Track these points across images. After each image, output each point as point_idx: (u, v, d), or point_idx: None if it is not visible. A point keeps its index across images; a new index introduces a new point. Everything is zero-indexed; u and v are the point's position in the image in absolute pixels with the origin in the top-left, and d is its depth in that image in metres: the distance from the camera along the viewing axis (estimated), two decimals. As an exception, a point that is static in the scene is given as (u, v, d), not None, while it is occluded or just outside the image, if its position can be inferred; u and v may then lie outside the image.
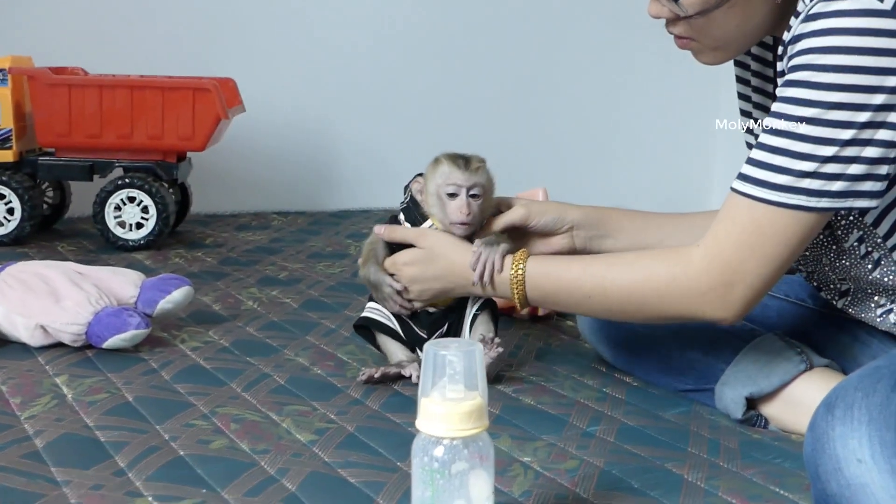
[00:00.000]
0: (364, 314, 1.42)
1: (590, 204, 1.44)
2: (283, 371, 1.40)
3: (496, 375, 1.38)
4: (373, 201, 2.90)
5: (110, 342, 1.43)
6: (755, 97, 1.31)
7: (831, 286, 1.29)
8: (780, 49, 1.11)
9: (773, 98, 1.22)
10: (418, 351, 1.40)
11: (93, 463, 1.08)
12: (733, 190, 1.12)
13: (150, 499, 1.00)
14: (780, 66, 1.12)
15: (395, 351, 1.40)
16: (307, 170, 2.90)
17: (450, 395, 0.84)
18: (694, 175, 3.25)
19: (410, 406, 1.28)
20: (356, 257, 2.19)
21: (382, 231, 1.41)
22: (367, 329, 1.42)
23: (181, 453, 1.11)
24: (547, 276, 1.27)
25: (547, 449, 1.16)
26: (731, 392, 1.30)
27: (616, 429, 1.23)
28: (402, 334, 1.40)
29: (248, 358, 1.46)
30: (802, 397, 1.26)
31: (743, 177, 1.11)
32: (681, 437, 1.21)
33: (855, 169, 1.05)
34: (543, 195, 1.69)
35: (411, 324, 1.40)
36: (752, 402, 1.30)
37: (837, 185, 1.06)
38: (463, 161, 1.36)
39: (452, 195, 1.34)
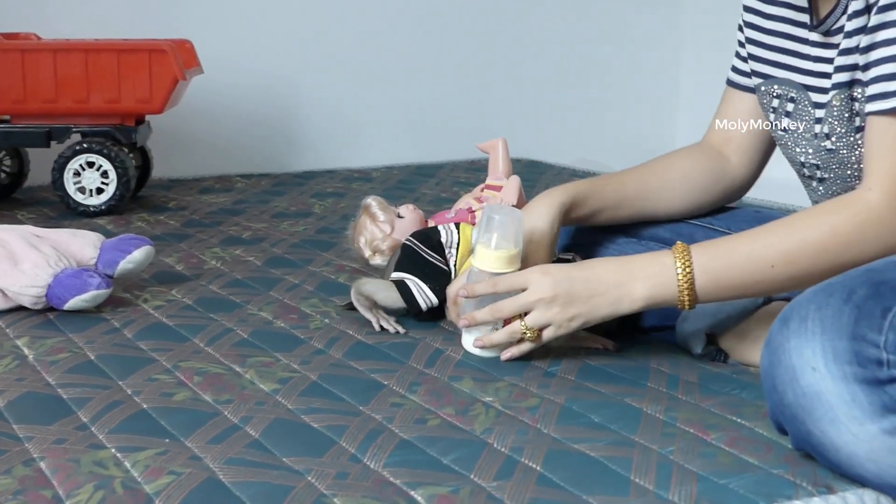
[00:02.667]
0: (411, 288, 1.39)
1: (560, 160, 1.45)
2: (247, 325, 1.41)
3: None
4: (337, 162, 2.89)
5: (71, 303, 1.43)
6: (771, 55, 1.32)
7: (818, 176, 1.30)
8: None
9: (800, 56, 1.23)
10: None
11: (55, 419, 1.08)
12: (876, 113, 1.12)
13: (113, 450, 1.00)
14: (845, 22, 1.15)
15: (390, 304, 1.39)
16: (270, 132, 2.88)
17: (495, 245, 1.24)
18: (660, 122, 3.26)
19: (373, 354, 1.29)
20: (321, 215, 2.20)
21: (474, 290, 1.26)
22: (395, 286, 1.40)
23: (144, 406, 1.11)
24: (715, 258, 1.17)
25: (508, 389, 1.17)
26: (692, 328, 1.32)
27: (577, 368, 1.24)
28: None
29: (212, 314, 1.46)
30: (761, 330, 1.27)
31: (881, 95, 1.12)
32: (641, 374, 1.23)
33: None
34: (503, 146, 1.69)
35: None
36: (711, 338, 1.32)
37: None
38: None
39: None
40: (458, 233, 1.43)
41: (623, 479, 0.94)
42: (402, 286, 1.40)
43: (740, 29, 1.40)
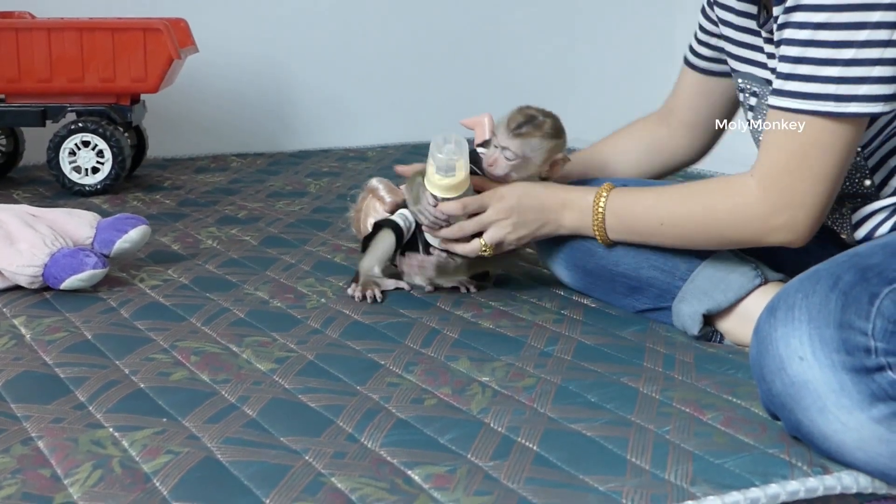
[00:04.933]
0: (394, 218, 1.46)
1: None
2: (243, 305, 1.41)
3: (455, 301, 1.40)
4: (332, 141, 2.88)
5: (67, 283, 1.43)
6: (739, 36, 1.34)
7: None
8: None
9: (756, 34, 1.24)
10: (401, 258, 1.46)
11: (53, 398, 1.08)
12: (770, 107, 1.15)
13: (111, 430, 1.00)
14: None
15: (375, 264, 1.45)
16: (266, 111, 2.87)
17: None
18: (655, 100, 3.25)
19: (370, 333, 1.29)
20: (316, 195, 2.20)
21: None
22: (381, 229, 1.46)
23: (141, 386, 1.11)
24: (624, 204, 1.31)
25: (505, 369, 1.17)
26: (688, 308, 1.32)
27: (573, 348, 1.25)
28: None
29: (208, 294, 1.46)
30: (757, 311, 1.27)
31: (775, 91, 1.14)
32: (637, 354, 1.23)
33: (879, 71, 1.07)
34: (489, 121, 1.69)
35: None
36: (708, 318, 1.32)
37: (864, 89, 1.08)
38: (516, 123, 1.40)
39: (495, 146, 1.41)
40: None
41: (619, 459, 0.95)
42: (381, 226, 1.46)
43: (703, 11, 1.43)
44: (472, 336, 1.29)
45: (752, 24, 1.28)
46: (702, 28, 1.43)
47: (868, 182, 1.21)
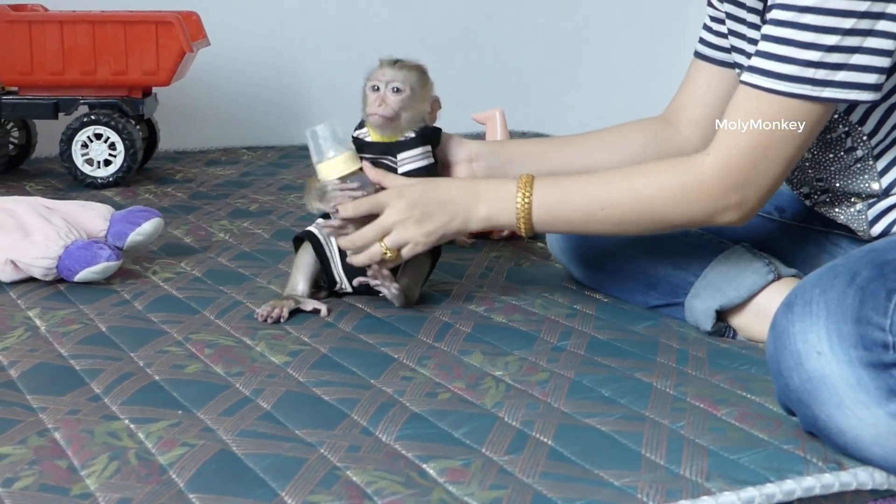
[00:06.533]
0: (310, 228, 1.38)
1: (561, 131, 1.45)
2: (256, 298, 1.41)
3: (468, 295, 1.40)
4: (343, 134, 2.88)
5: (81, 275, 1.43)
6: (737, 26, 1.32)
7: (808, 185, 1.30)
8: None
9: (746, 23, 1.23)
10: (342, 279, 1.37)
11: (68, 390, 1.08)
12: (742, 83, 1.13)
13: (126, 421, 1.01)
14: None
15: (300, 281, 1.37)
16: (276, 105, 2.87)
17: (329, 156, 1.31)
18: (664, 94, 3.25)
19: (383, 327, 1.30)
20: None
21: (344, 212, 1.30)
22: (301, 242, 1.38)
23: (156, 378, 1.12)
24: (553, 192, 1.24)
25: (518, 363, 1.18)
26: (701, 304, 1.32)
27: (586, 342, 1.25)
28: (331, 261, 1.37)
29: (221, 287, 1.46)
30: (770, 307, 1.27)
31: (750, 68, 1.12)
32: (650, 349, 1.23)
33: (858, 59, 1.06)
34: (500, 116, 1.69)
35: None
36: (721, 314, 1.32)
37: (841, 76, 1.07)
38: (392, 60, 1.36)
39: (375, 89, 1.33)
40: None
41: (634, 454, 0.95)
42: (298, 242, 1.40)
43: (708, 2, 1.40)
44: (485, 330, 1.29)
45: (759, 21, 1.28)
46: (711, 17, 1.42)
47: (876, 185, 1.20)
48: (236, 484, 0.88)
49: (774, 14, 1.10)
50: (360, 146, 1.36)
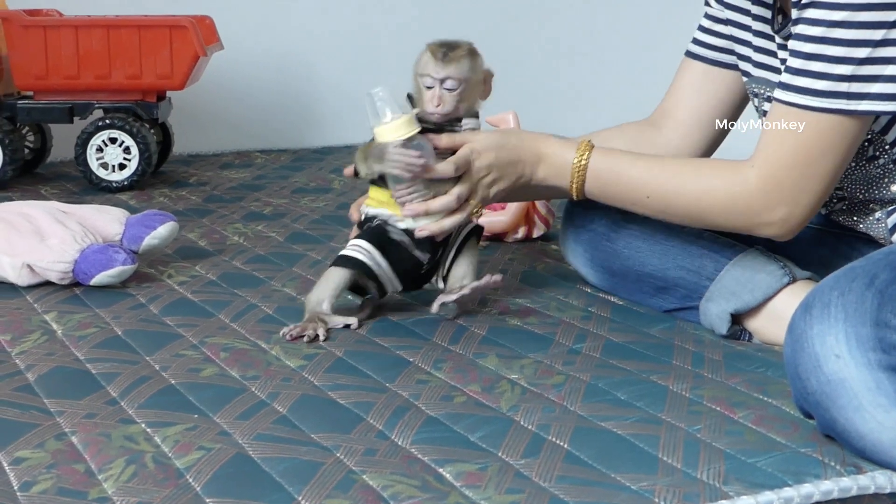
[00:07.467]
0: (344, 253, 1.32)
1: (572, 133, 1.45)
2: (271, 301, 1.41)
3: (482, 299, 1.40)
4: (356, 137, 2.88)
5: (97, 279, 1.44)
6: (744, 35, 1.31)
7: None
8: None
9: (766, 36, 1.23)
10: (394, 283, 1.34)
11: (85, 393, 1.09)
12: (776, 100, 1.14)
13: (143, 425, 1.01)
14: None
15: (325, 298, 1.30)
16: (289, 108, 2.88)
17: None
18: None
19: (397, 330, 1.30)
20: (341, 191, 2.20)
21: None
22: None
23: (172, 382, 1.12)
24: (610, 169, 1.28)
25: (533, 366, 1.17)
26: (716, 308, 1.31)
27: (601, 345, 1.25)
28: (378, 275, 1.32)
29: (236, 290, 1.47)
30: (785, 310, 1.27)
31: (784, 85, 1.13)
32: (665, 351, 1.23)
33: (892, 70, 1.06)
34: (514, 119, 1.69)
35: (411, 248, 1.32)
36: (736, 317, 1.31)
37: (876, 88, 1.07)
38: (442, 52, 1.33)
39: (429, 87, 1.33)
40: None
41: (651, 458, 0.95)
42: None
43: (706, 2, 1.40)
44: (500, 333, 1.29)
45: (766, 29, 1.27)
46: (707, 16, 1.41)
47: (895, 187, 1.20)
48: (252, 488, 0.88)
49: (801, 29, 1.10)
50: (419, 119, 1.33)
